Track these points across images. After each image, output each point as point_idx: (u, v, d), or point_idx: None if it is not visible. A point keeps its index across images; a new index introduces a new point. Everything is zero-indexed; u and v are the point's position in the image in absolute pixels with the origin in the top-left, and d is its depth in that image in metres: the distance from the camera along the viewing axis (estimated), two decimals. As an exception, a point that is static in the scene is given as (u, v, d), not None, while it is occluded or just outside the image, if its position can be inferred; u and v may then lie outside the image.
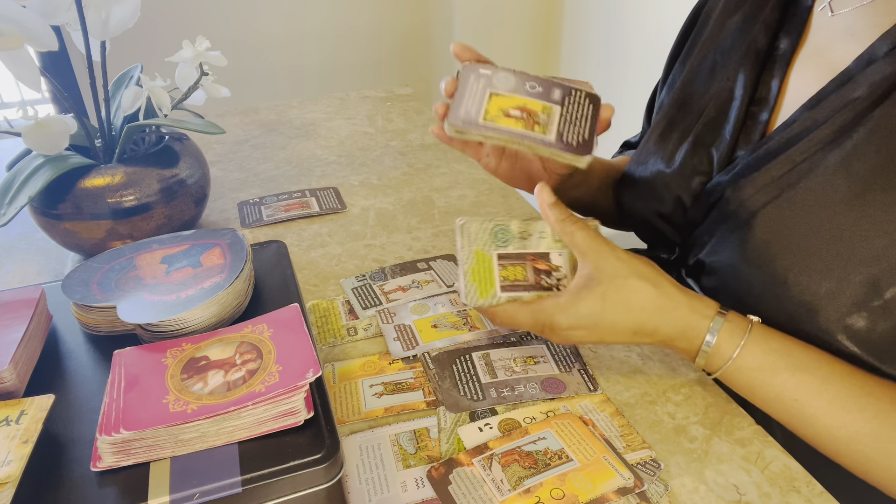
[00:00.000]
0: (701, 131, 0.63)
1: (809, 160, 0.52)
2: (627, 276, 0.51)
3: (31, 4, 0.59)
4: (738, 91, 0.61)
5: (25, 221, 0.78)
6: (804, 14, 0.60)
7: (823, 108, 0.53)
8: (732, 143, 0.60)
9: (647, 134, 0.70)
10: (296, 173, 0.97)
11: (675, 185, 0.64)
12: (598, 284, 0.52)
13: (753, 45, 0.61)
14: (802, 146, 0.53)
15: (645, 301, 0.51)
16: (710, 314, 0.51)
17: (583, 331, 0.52)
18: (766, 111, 0.59)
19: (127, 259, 0.55)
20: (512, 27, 2.33)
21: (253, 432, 0.40)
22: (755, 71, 0.61)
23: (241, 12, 2.16)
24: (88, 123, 0.72)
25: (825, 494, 0.47)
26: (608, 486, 0.46)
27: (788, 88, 0.59)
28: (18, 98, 2.31)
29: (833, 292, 0.49)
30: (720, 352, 0.51)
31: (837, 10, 0.56)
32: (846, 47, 0.54)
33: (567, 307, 0.52)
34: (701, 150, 0.62)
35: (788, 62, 0.59)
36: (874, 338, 0.48)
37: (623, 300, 0.51)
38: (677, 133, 0.66)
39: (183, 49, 0.71)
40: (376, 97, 1.29)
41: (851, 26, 0.55)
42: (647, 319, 0.51)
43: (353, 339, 0.62)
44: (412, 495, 0.46)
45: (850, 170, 0.50)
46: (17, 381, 0.44)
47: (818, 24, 0.58)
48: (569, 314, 0.52)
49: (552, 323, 0.53)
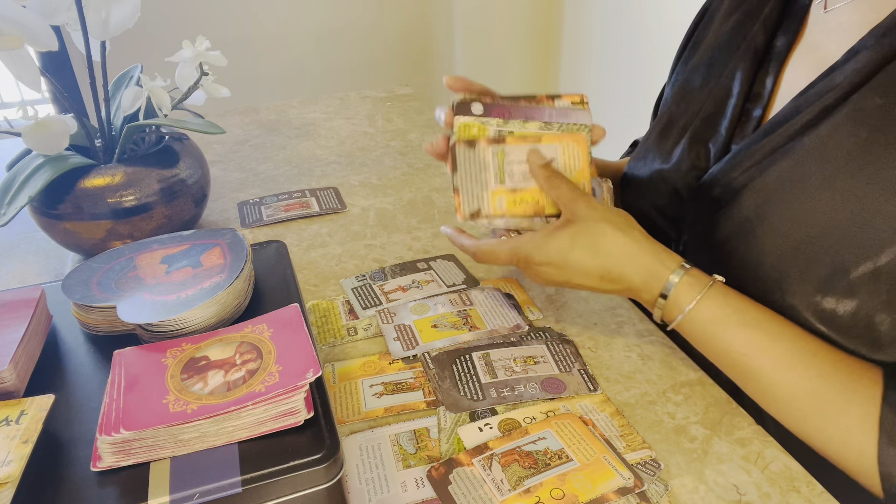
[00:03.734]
0: (698, 127, 0.64)
1: (789, 144, 0.54)
2: (598, 221, 0.55)
3: (31, 4, 0.59)
4: (735, 88, 0.62)
5: (25, 221, 0.78)
6: (802, 12, 0.61)
7: (808, 97, 0.54)
8: (728, 137, 0.61)
9: (648, 131, 0.71)
10: (296, 173, 0.97)
11: (672, 179, 0.65)
12: (571, 225, 0.55)
13: (752, 43, 0.62)
14: (784, 130, 0.54)
15: (612, 246, 0.54)
16: (673, 266, 0.54)
17: (552, 268, 0.56)
18: (759, 107, 0.60)
19: (127, 259, 0.55)
20: (512, 27, 2.33)
21: (253, 432, 0.40)
22: (752, 68, 0.62)
23: (240, 12, 2.16)
24: (88, 123, 0.72)
25: (825, 494, 0.47)
26: (608, 486, 0.46)
27: (782, 84, 0.60)
28: (18, 98, 2.31)
29: (802, 271, 0.50)
30: (678, 302, 0.53)
31: (831, 7, 0.57)
32: (838, 43, 0.55)
33: (540, 244, 0.56)
34: (698, 146, 0.64)
35: (784, 59, 0.60)
36: (839, 315, 0.49)
37: (591, 243, 0.54)
38: (676, 130, 0.67)
39: (183, 49, 0.71)
40: (376, 97, 1.29)
41: (844, 22, 0.56)
42: (614, 264, 0.54)
43: (353, 339, 0.62)
44: (412, 495, 0.46)
45: (823, 153, 0.51)
46: (17, 381, 0.44)
47: (814, 21, 0.59)
48: (541, 251, 0.56)
49: (527, 257, 0.57)
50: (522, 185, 0.59)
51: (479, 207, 0.58)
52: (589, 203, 0.56)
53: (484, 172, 0.58)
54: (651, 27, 1.85)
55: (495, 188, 0.58)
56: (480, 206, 0.58)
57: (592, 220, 0.55)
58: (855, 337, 0.49)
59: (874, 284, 0.47)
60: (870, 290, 0.47)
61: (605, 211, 0.56)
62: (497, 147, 0.58)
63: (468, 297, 0.67)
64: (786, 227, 0.52)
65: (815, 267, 0.50)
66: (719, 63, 0.65)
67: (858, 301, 0.48)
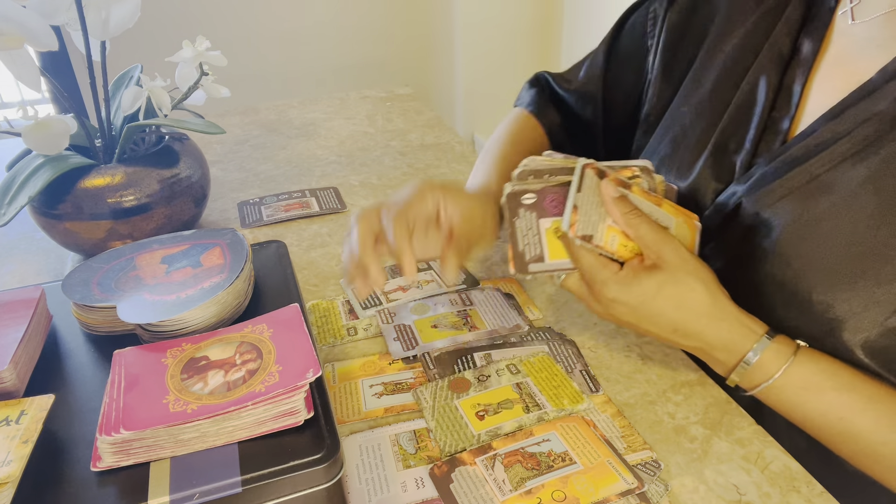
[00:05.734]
0: (720, 139, 0.61)
1: (830, 173, 0.51)
2: (689, 274, 0.51)
3: (31, 4, 0.59)
4: (760, 96, 0.59)
5: (25, 221, 0.78)
6: (827, 16, 0.58)
7: (845, 120, 0.51)
8: (752, 150, 0.58)
9: (654, 140, 0.68)
10: (296, 173, 0.97)
11: (694, 196, 0.62)
12: (660, 272, 0.51)
13: (776, 48, 0.59)
14: (823, 158, 0.52)
15: (697, 304, 0.51)
16: (759, 332, 0.51)
17: (626, 308, 0.52)
18: (787, 118, 0.57)
19: (127, 259, 0.55)
20: (512, 26, 2.33)
21: (253, 432, 0.40)
22: (778, 75, 0.58)
23: (240, 12, 2.16)
24: (88, 123, 0.72)
25: (825, 494, 0.47)
26: (610, 489, 0.46)
27: (810, 96, 0.57)
28: (18, 98, 2.31)
29: (857, 311, 0.48)
30: (764, 368, 0.50)
31: (860, 18, 0.55)
32: (870, 57, 0.53)
33: (623, 280, 0.52)
34: (721, 159, 0.60)
35: (811, 67, 0.57)
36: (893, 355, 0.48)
37: (677, 295, 0.51)
38: (694, 142, 0.63)
39: (183, 49, 0.71)
40: (376, 97, 1.28)
41: (876, 36, 0.53)
42: (694, 322, 0.51)
43: (353, 339, 0.62)
44: (412, 495, 0.46)
45: (878, 186, 0.49)
46: (17, 381, 0.44)
47: (840, 30, 0.57)
48: (621, 287, 0.52)
49: (602, 289, 0.53)
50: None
51: (592, 234, 0.54)
52: (678, 251, 0.52)
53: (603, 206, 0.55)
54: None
55: (612, 224, 0.55)
56: (594, 233, 0.55)
57: (683, 272, 0.51)
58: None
59: None
60: None
61: (695, 264, 0.52)
62: (623, 190, 0.55)
63: (468, 297, 0.67)
64: (839, 265, 0.49)
65: (874, 306, 0.48)
66: (740, 66, 0.61)
67: None
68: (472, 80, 2.36)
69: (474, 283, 0.70)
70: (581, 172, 0.55)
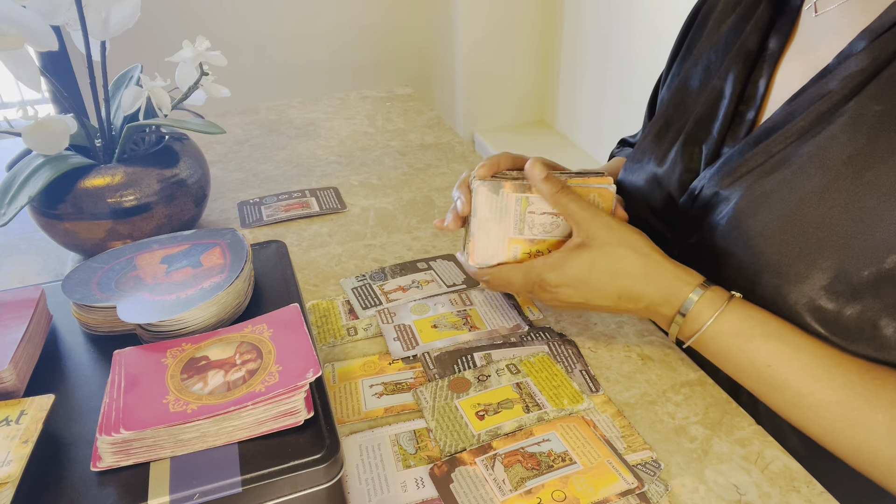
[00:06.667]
0: (692, 130, 0.64)
1: (784, 150, 0.54)
2: (617, 245, 0.55)
3: (31, 4, 0.59)
4: (727, 90, 0.62)
5: (25, 221, 0.78)
6: (793, 14, 0.61)
7: (801, 102, 0.54)
8: (720, 140, 0.61)
9: (644, 133, 0.71)
10: (296, 173, 0.97)
11: (667, 182, 0.65)
12: (589, 250, 0.55)
13: (745, 46, 0.62)
14: (779, 137, 0.54)
15: (631, 267, 0.54)
16: (693, 283, 0.54)
17: (570, 289, 0.56)
18: (752, 110, 0.60)
19: (127, 259, 0.55)
20: (512, 26, 2.33)
21: (253, 432, 0.40)
22: (745, 71, 0.61)
23: (241, 12, 2.17)
24: (88, 123, 0.72)
25: (825, 494, 0.47)
26: (610, 489, 0.46)
27: (774, 87, 0.60)
28: (18, 98, 2.31)
29: (802, 277, 0.50)
30: (698, 317, 0.53)
31: (821, 10, 0.58)
32: (829, 45, 0.55)
33: (556, 265, 0.55)
34: (691, 148, 0.64)
35: (776, 62, 0.60)
36: (841, 320, 0.49)
37: (610, 265, 0.54)
38: (672, 132, 0.67)
39: (183, 49, 0.71)
40: (376, 97, 1.28)
41: (834, 24, 0.56)
42: (633, 285, 0.54)
43: (353, 339, 0.62)
44: (412, 495, 0.46)
45: (822, 159, 0.51)
46: (17, 381, 0.44)
47: (805, 24, 0.59)
48: (557, 272, 0.55)
49: (542, 280, 0.56)
50: (541, 236, 0.58)
51: (493, 255, 0.57)
52: (605, 224, 0.55)
53: (504, 219, 0.57)
54: (650, 26, 1.85)
55: (513, 236, 0.57)
56: (495, 253, 0.57)
57: (611, 245, 0.54)
58: (859, 340, 0.49)
59: (878, 288, 0.47)
60: (874, 293, 0.47)
61: (622, 233, 0.55)
62: (521, 195, 0.56)
63: (468, 297, 0.67)
64: (784, 234, 0.51)
65: (816, 272, 0.49)
66: (715, 65, 0.65)
67: (862, 305, 0.48)
68: (472, 80, 2.36)
69: (474, 283, 0.70)
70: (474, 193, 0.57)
